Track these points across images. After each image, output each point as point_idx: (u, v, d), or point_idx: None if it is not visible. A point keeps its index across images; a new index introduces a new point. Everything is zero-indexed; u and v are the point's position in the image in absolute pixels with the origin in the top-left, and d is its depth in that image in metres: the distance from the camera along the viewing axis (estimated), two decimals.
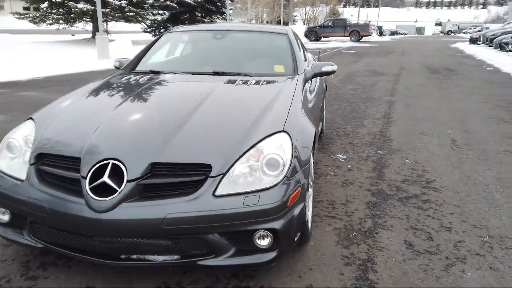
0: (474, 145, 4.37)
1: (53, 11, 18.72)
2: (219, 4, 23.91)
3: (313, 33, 31.58)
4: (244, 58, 3.28)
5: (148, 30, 22.89)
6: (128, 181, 1.78)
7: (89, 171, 1.82)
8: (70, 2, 17.76)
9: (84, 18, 19.68)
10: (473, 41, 25.68)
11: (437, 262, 2.19)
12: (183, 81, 2.89)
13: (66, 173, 1.90)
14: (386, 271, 2.11)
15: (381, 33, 51.89)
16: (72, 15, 18.60)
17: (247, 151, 1.91)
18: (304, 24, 56.04)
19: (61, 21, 19.39)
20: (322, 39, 31.73)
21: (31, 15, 19.27)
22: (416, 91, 8.04)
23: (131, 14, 20.24)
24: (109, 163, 1.83)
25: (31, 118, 2.28)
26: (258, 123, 2.10)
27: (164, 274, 2.06)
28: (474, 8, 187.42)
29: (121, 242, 1.82)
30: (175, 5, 22.58)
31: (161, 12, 22.95)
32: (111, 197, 1.76)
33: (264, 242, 1.86)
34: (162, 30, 23.09)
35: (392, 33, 66.87)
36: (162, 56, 3.46)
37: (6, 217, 2.06)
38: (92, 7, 17.16)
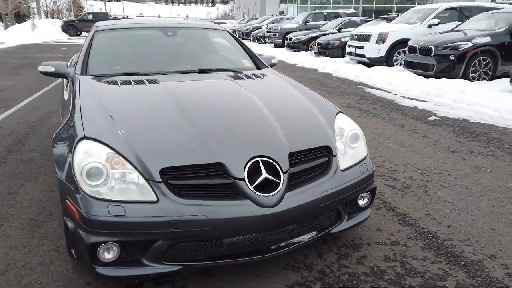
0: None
1: None
2: None
3: (73, 28, 28.96)
4: (207, 55, 3.31)
5: None
6: (283, 173, 1.86)
7: (243, 172, 1.79)
8: None
9: None
10: None
11: (417, 191, 3.11)
12: (190, 80, 2.75)
13: (213, 180, 1.79)
14: (403, 205, 2.87)
15: None
16: None
17: (334, 131, 2.25)
18: (47, 17, 50.07)
19: None
20: (84, 33, 29.56)
21: None
22: None
23: None
24: (257, 160, 1.84)
25: (86, 138, 1.85)
26: (316, 109, 2.43)
27: (276, 262, 2.17)
28: (205, 6, 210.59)
29: (276, 233, 1.89)
30: None
31: None
32: (276, 191, 1.81)
33: (363, 202, 2.28)
34: None
35: None
36: (113, 57, 3.03)
37: (111, 254, 1.74)
38: None
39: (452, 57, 7.93)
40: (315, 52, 13.88)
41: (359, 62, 11.21)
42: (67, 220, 1.80)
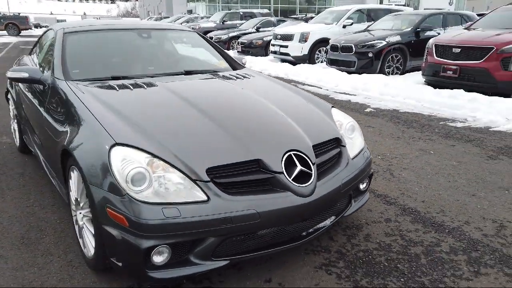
0: None
1: None
2: None
3: None
4: (185, 56, 3.30)
5: None
6: (313, 164, 2.03)
7: (282, 166, 1.92)
8: None
9: None
10: None
11: (384, 174, 3.49)
12: (185, 80, 2.75)
13: (253, 176, 1.90)
14: (379, 187, 3.22)
15: (36, 26, 47.61)
16: None
17: (335, 124, 2.48)
18: None
19: None
20: None
21: None
22: None
23: None
24: (290, 154, 1.98)
25: (117, 144, 1.81)
26: (313, 104, 2.64)
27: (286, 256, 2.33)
28: (104, 3, 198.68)
29: (309, 220, 2.05)
30: None
31: None
32: (310, 181, 1.98)
33: (363, 186, 2.54)
34: None
35: (36, 26, 62.27)
36: (94, 61, 2.87)
37: (162, 257, 1.75)
38: None
39: (370, 55, 8.77)
40: (238, 51, 14.13)
41: (283, 61, 11.74)
42: (109, 229, 1.74)
